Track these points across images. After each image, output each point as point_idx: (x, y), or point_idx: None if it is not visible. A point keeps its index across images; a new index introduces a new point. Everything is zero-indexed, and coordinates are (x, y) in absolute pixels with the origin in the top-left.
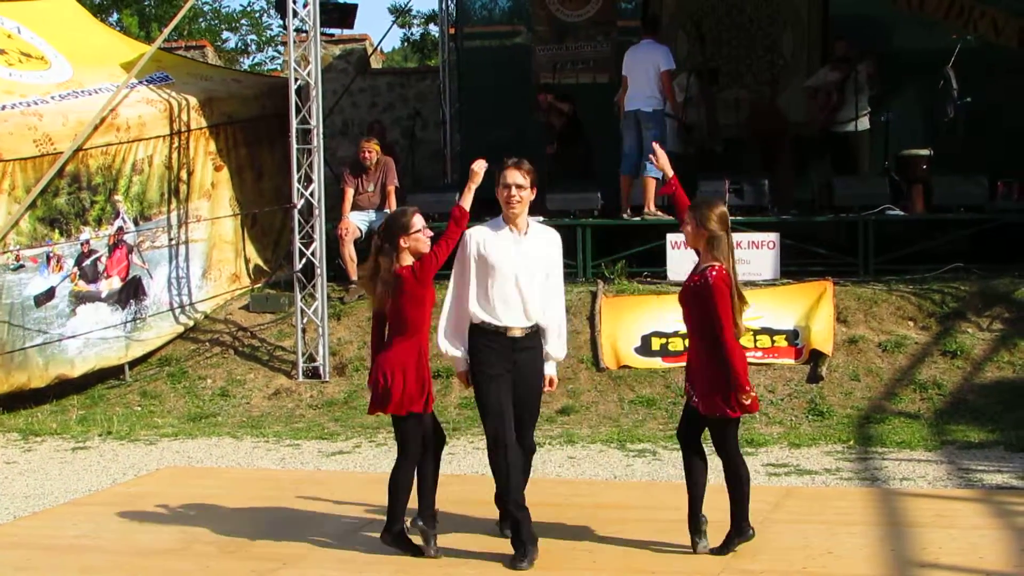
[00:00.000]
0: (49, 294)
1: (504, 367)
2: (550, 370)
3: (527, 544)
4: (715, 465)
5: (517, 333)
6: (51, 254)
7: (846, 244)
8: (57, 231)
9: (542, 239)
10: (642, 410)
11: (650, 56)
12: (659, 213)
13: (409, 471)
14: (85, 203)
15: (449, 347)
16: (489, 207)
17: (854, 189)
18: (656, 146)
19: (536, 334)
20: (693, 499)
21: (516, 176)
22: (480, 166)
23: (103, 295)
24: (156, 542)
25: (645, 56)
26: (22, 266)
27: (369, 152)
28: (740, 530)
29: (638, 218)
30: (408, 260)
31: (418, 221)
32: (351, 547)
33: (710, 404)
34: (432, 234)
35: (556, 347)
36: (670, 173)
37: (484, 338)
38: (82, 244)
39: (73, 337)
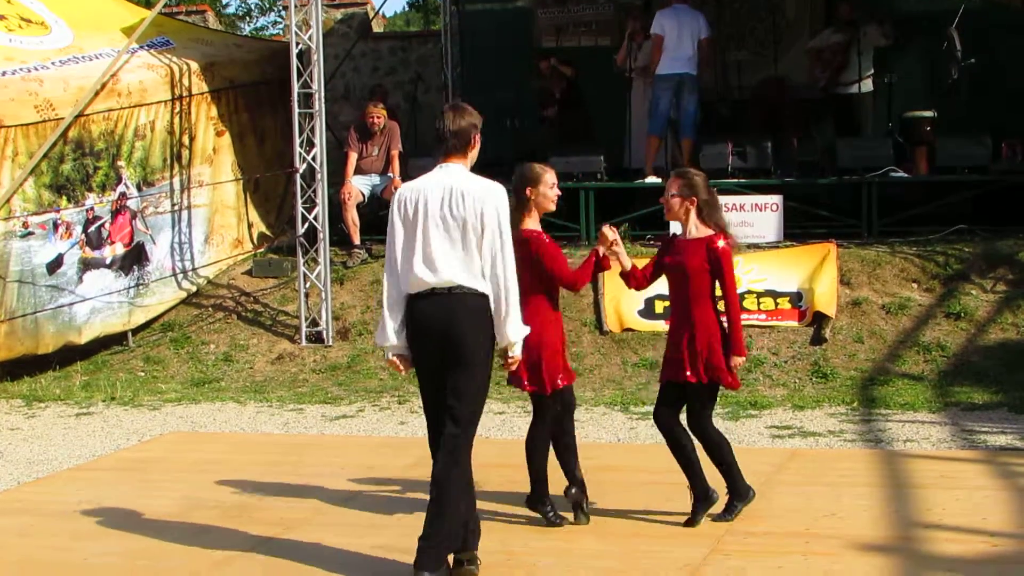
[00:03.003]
0: (58, 261)
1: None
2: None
3: None
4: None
5: None
6: (59, 221)
7: (850, 206)
8: (65, 198)
9: None
10: (645, 373)
11: (692, 22)
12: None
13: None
14: (89, 169)
15: None
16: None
17: (858, 151)
18: (608, 231)
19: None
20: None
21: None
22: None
23: (107, 261)
24: (160, 507)
25: (686, 20)
26: (30, 233)
27: (377, 117)
28: (739, 493)
29: (657, 179)
30: (534, 219)
31: (550, 178)
32: (354, 511)
33: (708, 371)
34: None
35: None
36: (627, 264)
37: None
38: (87, 211)
39: (82, 301)
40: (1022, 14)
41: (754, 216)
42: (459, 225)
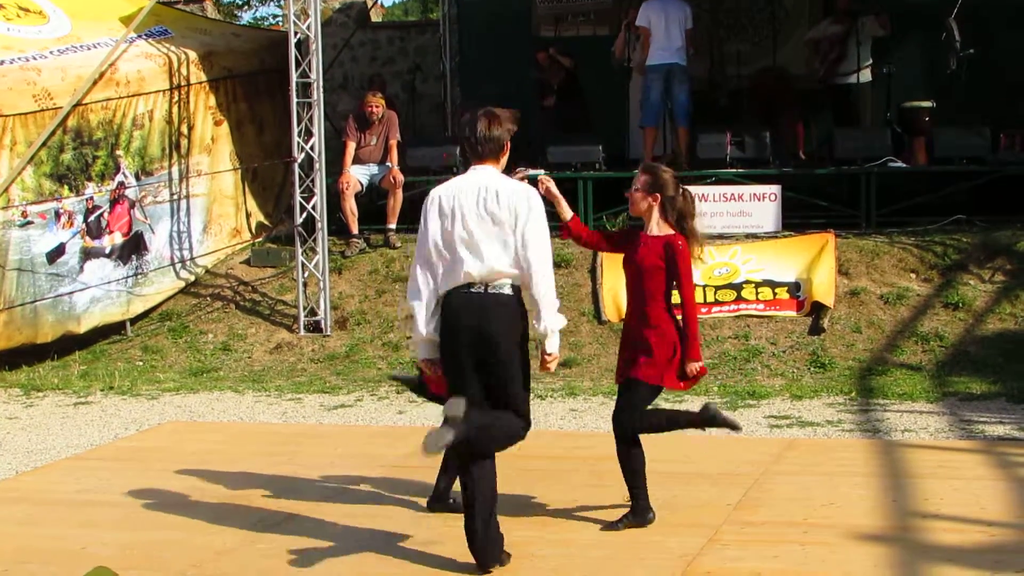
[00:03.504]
0: (59, 250)
1: None
2: None
3: None
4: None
5: None
6: (61, 210)
7: (848, 196)
8: (66, 187)
9: None
10: None
11: (678, 12)
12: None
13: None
14: (88, 158)
15: None
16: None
17: (856, 141)
18: (546, 180)
19: None
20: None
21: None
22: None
23: (107, 251)
24: (158, 497)
25: (672, 11)
26: (30, 222)
27: (376, 107)
28: (637, 512)
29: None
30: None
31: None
32: (353, 500)
33: (653, 373)
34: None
35: None
36: (568, 215)
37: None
38: (87, 200)
39: (82, 290)
40: (1021, 5)
41: (752, 206)
42: (495, 220)
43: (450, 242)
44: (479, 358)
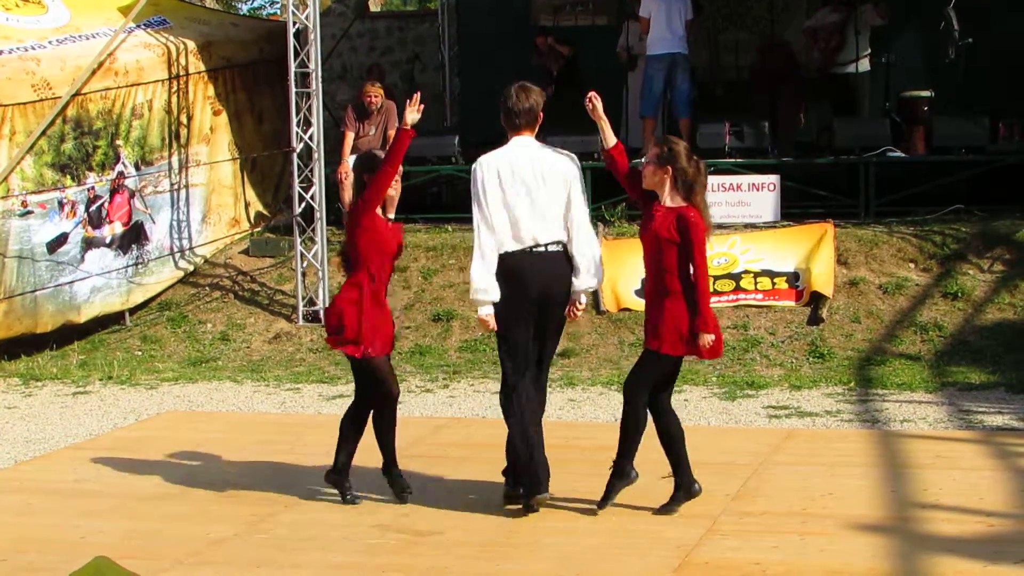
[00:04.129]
0: (61, 240)
1: None
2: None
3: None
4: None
5: None
6: (64, 200)
7: (847, 186)
8: (68, 177)
9: None
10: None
11: (678, 2)
12: None
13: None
14: (89, 148)
15: None
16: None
17: (855, 131)
18: (595, 98)
19: None
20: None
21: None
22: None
23: (107, 240)
24: (157, 486)
25: (673, 1)
26: (29, 212)
27: (375, 96)
28: (620, 474)
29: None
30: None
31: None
32: (352, 490)
33: (658, 343)
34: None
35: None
36: (611, 140)
37: None
38: (88, 190)
39: (82, 280)
40: None
41: (751, 196)
42: (547, 184)
43: (513, 206)
44: (540, 313)
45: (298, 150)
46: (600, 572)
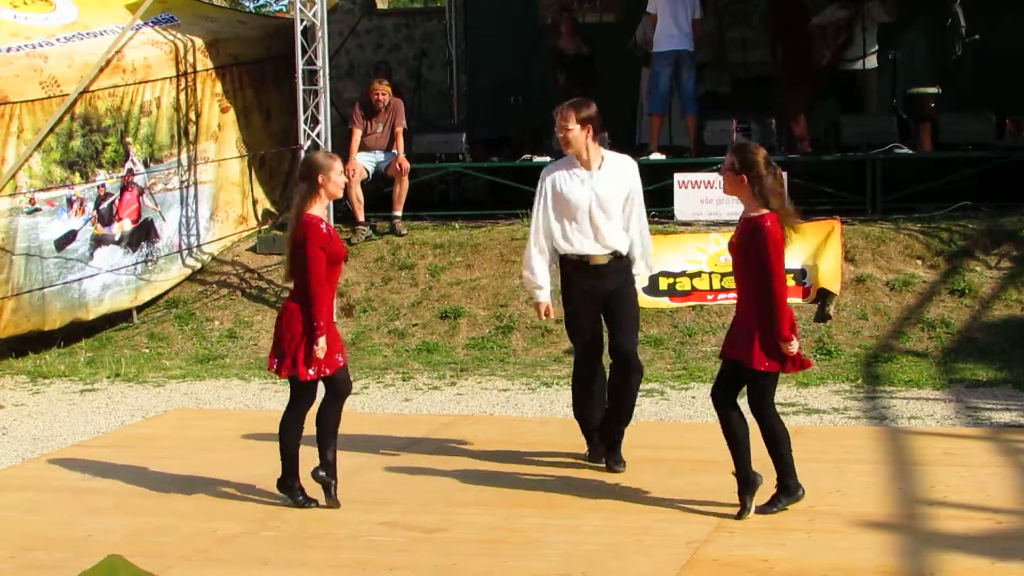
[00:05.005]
0: (69, 237)
1: (589, 293)
2: (638, 286)
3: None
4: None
5: (600, 261)
6: (73, 198)
7: (854, 183)
8: (77, 174)
9: (613, 171)
10: (650, 350)
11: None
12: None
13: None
14: (98, 145)
15: (530, 279)
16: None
17: (862, 127)
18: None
19: (621, 259)
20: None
21: (560, 120)
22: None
23: (116, 238)
24: (164, 484)
25: None
26: (38, 209)
27: (382, 94)
28: (787, 488)
29: (661, 156)
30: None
31: (338, 166)
32: (359, 487)
33: (738, 355)
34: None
35: (640, 267)
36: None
37: (570, 267)
38: (98, 187)
39: (92, 276)
40: None
41: None
42: None
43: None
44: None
45: (305, 147)
46: (607, 570)
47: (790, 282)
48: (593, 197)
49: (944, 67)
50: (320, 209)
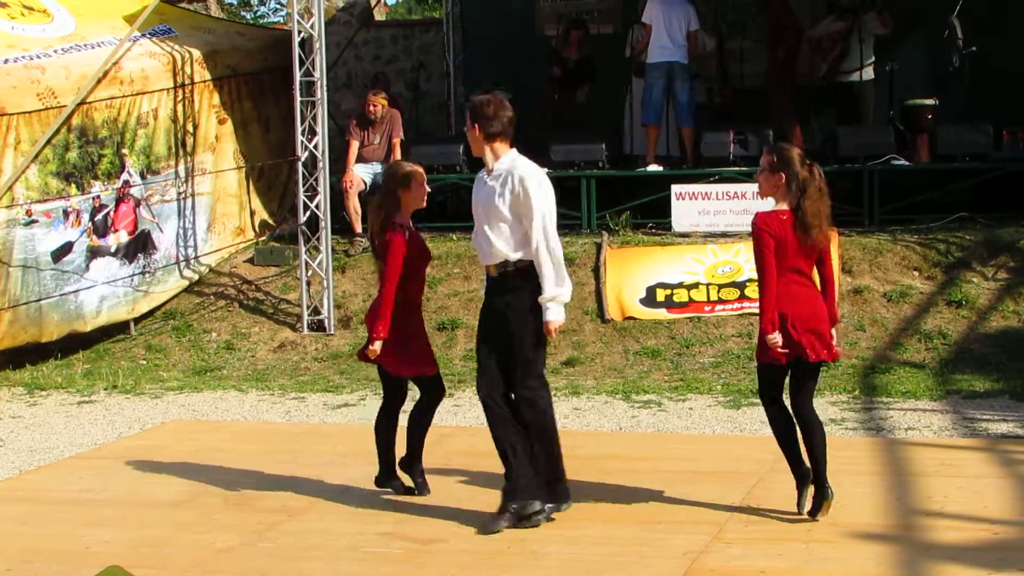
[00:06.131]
0: (66, 249)
1: (485, 308)
2: (548, 315)
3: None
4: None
5: (492, 271)
6: (68, 209)
7: (851, 194)
8: (73, 185)
9: (502, 179)
10: (647, 361)
11: (681, 11)
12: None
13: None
14: (94, 157)
15: None
16: None
17: (859, 139)
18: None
19: (514, 275)
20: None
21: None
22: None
23: (112, 250)
24: (162, 495)
25: (675, 10)
26: (34, 221)
27: (376, 105)
28: (802, 478)
29: (658, 168)
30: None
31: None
32: (356, 499)
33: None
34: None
35: (544, 287)
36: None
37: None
38: (93, 199)
39: (88, 288)
40: (1023, 2)
41: (756, 204)
42: None
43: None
44: None
45: (303, 159)
46: None
47: None
48: (480, 200)
49: (941, 78)
50: (404, 217)
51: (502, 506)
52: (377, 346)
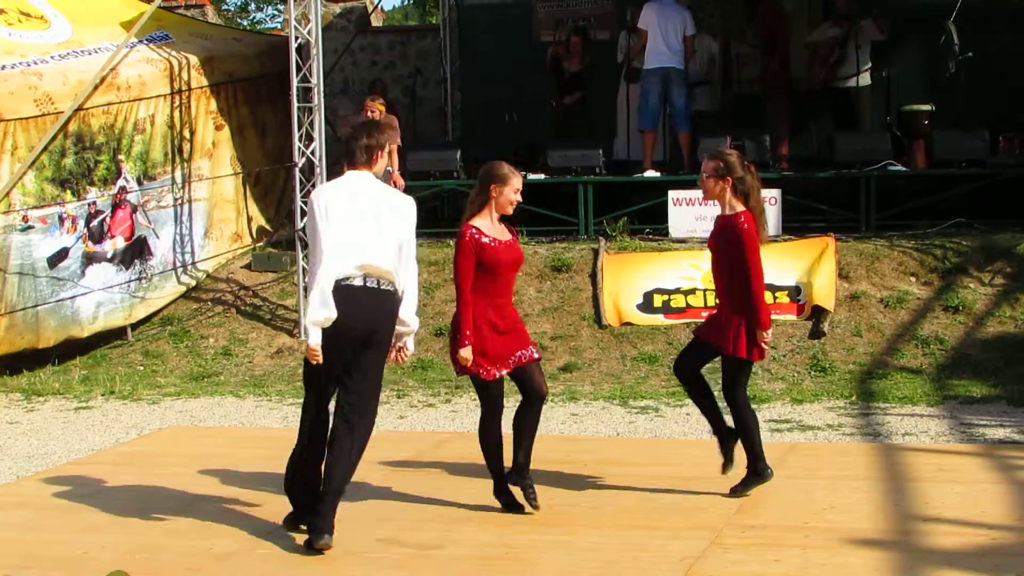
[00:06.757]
0: (62, 255)
1: None
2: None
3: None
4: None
5: None
6: (64, 215)
7: (848, 200)
8: (69, 191)
9: None
10: (644, 367)
11: (677, 16)
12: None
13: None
14: (90, 163)
15: None
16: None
17: (856, 145)
18: None
19: None
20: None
21: None
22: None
23: (108, 255)
24: (159, 501)
25: (672, 15)
26: (31, 227)
27: (373, 111)
28: (757, 471)
29: (656, 173)
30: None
31: (516, 182)
32: (354, 504)
33: (738, 346)
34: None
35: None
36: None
37: None
38: (89, 205)
39: (85, 294)
40: (1020, 8)
41: None
42: (385, 219)
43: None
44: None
45: (300, 165)
46: None
47: (784, 299)
48: None
49: (938, 84)
50: (484, 220)
51: None
52: (465, 353)
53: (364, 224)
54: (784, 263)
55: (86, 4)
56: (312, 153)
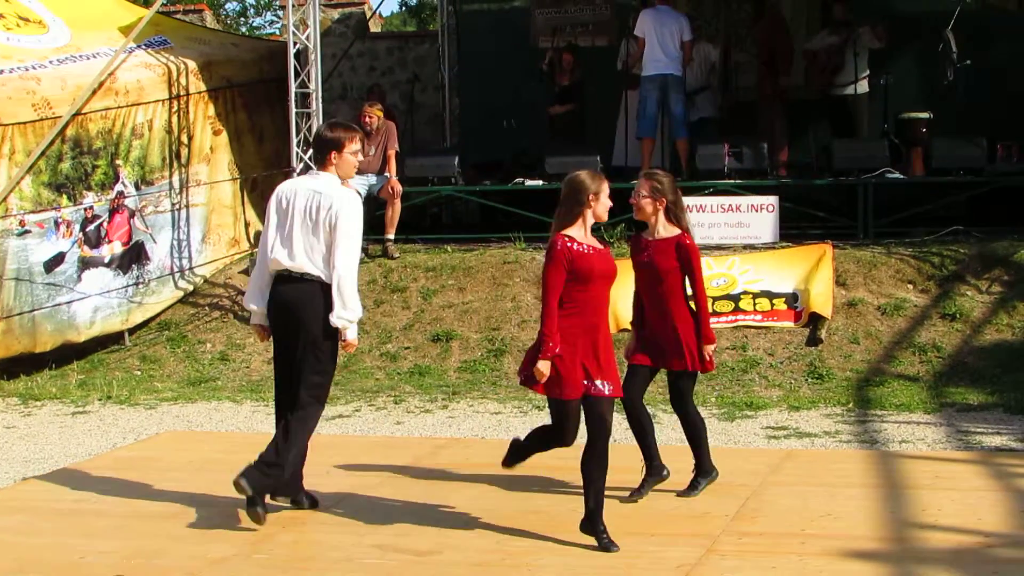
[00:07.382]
0: (58, 259)
1: None
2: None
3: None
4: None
5: None
6: (60, 220)
7: (845, 207)
8: (65, 196)
9: None
10: None
11: (674, 22)
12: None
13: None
14: (87, 168)
15: None
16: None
17: (853, 152)
18: None
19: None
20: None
21: None
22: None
23: (106, 260)
24: (156, 506)
25: (668, 21)
26: (27, 231)
27: (371, 117)
28: (705, 471)
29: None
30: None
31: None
32: (350, 510)
33: (694, 360)
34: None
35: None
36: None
37: None
38: (86, 209)
39: (81, 299)
40: (1018, 16)
41: (750, 217)
42: (313, 216)
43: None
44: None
45: (298, 170)
46: None
47: (781, 306)
48: None
49: (936, 92)
50: (577, 230)
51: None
52: (543, 367)
53: (288, 222)
54: (781, 270)
55: (84, 9)
56: (310, 158)
